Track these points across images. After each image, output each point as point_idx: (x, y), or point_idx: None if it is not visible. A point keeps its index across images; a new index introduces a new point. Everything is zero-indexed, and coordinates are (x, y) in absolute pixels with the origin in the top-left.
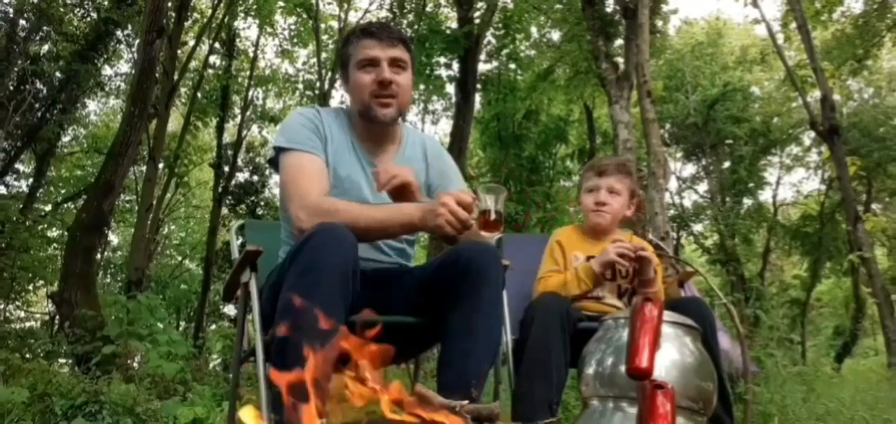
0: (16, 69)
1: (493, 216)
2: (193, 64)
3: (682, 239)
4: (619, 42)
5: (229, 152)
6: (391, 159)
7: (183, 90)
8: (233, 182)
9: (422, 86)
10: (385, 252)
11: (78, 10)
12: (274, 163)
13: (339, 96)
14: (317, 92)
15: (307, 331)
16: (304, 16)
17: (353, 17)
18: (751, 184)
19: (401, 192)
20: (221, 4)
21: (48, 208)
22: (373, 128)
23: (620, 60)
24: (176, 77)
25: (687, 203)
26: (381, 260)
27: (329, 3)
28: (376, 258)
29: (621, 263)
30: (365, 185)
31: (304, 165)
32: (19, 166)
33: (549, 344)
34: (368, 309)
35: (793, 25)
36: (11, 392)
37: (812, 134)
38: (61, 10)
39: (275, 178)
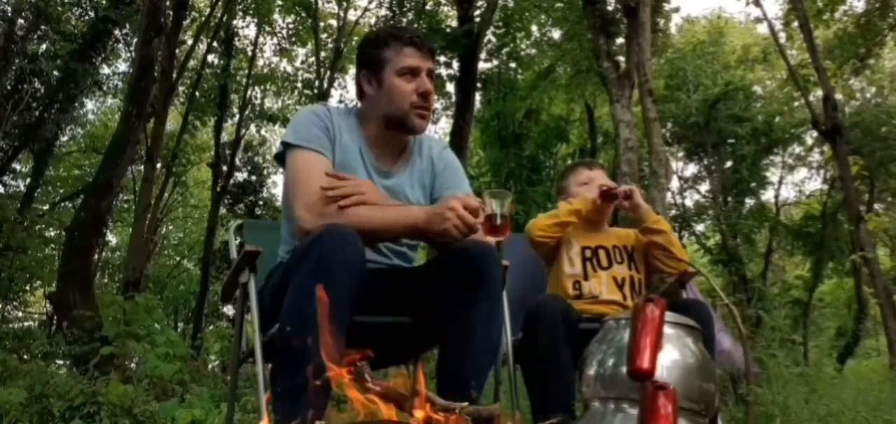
0: (13, 68)
1: (498, 220)
2: (191, 63)
3: (683, 239)
4: (621, 40)
5: (227, 151)
6: (399, 165)
7: (181, 89)
8: (231, 181)
9: None
10: (385, 254)
11: (76, 8)
12: (280, 159)
13: (339, 95)
14: (315, 91)
15: (315, 332)
16: (303, 14)
17: (352, 16)
18: (753, 184)
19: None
20: (220, 3)
21: (46, 208)
22: (386, 134)
23: (622, 59)
24: (174, 76)
25: (689, 202)
26: (381, 261)
27: (328, 2)
28: (376, 259)
29: (607, 184)
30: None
31: (312, 164)
32: (17, 166)
33: (557, 346)
34: (366, 310)
35: (795, 24)
36: (9, 394)
37: (814, 133)
38: (59, 8)
39: (274, 178)
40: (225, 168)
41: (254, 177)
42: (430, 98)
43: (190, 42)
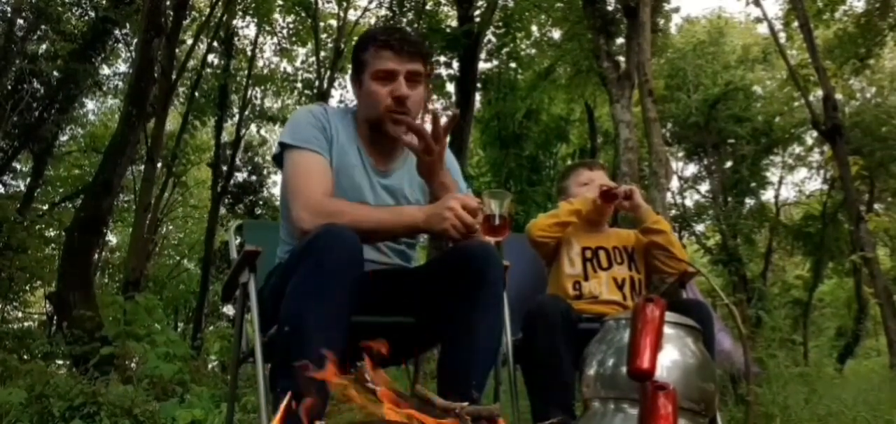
0: (13, 68)
1: (497, 220)
2: (191, 63)
3: (683, 239)
4: (621, 41)
5: (227, 151)
6: (394, 164)
7: (181, 89)
8: (231, 181)
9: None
10: (385, 253)
11: (76, 8)
12: (278, 160)
13: (339, 95)
14: (315, 91)
15: (310, 335)
16: (303, 14)
17: (353, 16)
18: (753, 184)
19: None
20: (220, 3)
21: (46, 208)
22: (378, 135)
23: (622, 59)
24: (174, 76)
25: (689, 203)
26: (381, 260)
27: (328, 2)
28: (376, 259)
29: (607, 184)
30: (366, 187)
31: (310, 165)
32: (17, 166)
33: (557, 346)
34: (367, 310)
35: (795, 24)
36: (9, 394)
37: (814, 133)
38: (59, 8)
39: (274, 178)
40: (225, 168)
41: (254, 177)
42: (406, 102)
43: (190, 42)
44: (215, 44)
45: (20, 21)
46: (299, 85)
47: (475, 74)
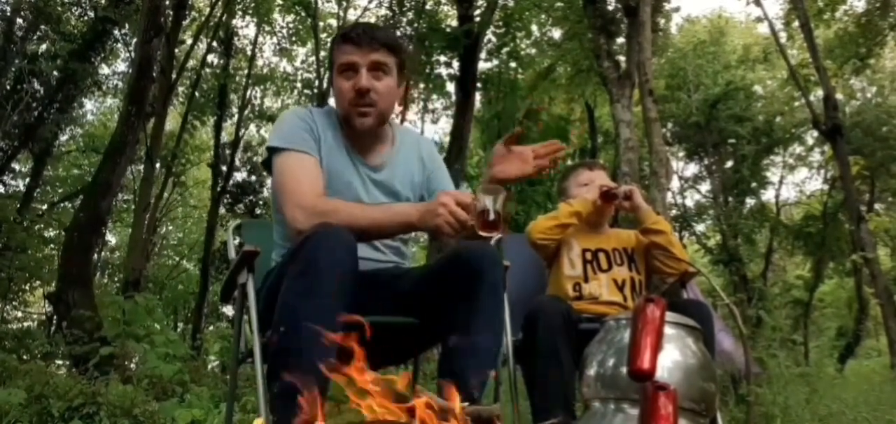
0: (13, 68)
1: (491, 216)
2: (191, 63)
3: (684, 239)
4: (621, 40)
5: (227, 151)
6: (383, 159)
7: (180, 89)
8: (230, 181)
9: (421, 85)
10: (380, 250)
11: (75, 8)
12: (267, 165)
13: None
14: (315, 90)
15: (306, 334)
16: (303, 14)
17: (353, 16)
18: (753, 184)
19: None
20: (219, 3)
21: (45, 208)
22: (360, 130)
23: (622, 59)
24: (173, 76)
25: (689, 202)
26: (377, 258)
27: (328, 2)
28: (372, 256)
29: (607, 184)
30: (358, 185)
31: (301, 165)
32: (16, 166)
33: (557, 346)
34: (366, 310)
35: (795, 24)
36: (8, 394)
37: (815, 133)
38: (59, 8)
39: None
40: (224, 168)
41: (253, 177)
42: (368, 94)
43: (189, 42)
44: (215, 44)
45: (20, 21)
46: (299, 85)
47: (475, 74)
